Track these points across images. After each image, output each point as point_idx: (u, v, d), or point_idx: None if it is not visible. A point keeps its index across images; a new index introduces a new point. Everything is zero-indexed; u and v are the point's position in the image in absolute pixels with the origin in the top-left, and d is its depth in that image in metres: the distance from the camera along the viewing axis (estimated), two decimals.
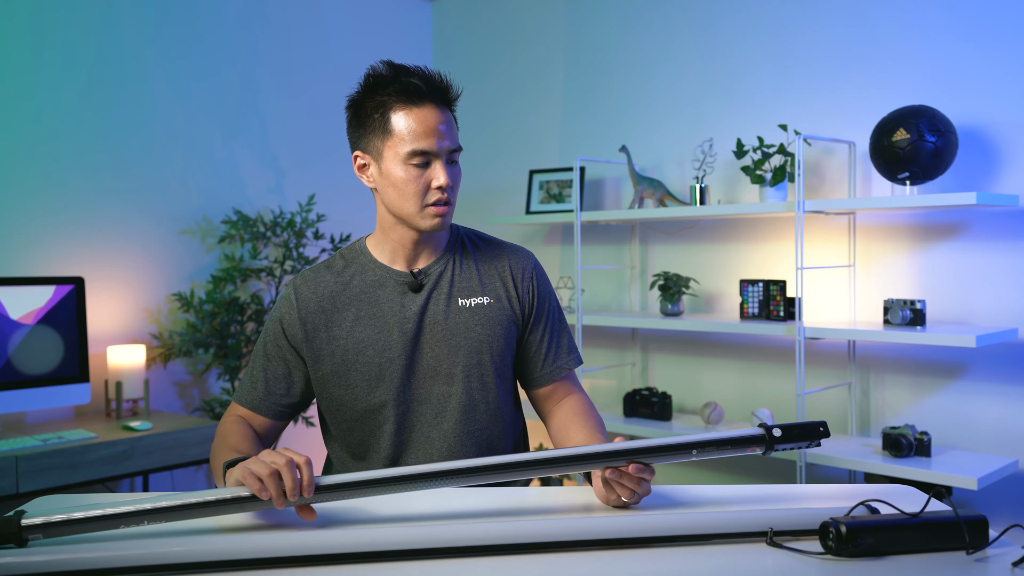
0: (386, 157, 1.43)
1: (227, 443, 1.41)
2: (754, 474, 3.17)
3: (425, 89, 1.42)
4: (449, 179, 1.43)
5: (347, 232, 3.58)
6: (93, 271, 2.99)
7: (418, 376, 1.48)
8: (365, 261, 1.53)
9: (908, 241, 2.79)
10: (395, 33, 3.99)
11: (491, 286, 1.54)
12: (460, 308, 1.50)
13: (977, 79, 2.64)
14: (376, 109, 1.43)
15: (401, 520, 1.18)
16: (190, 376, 3.28)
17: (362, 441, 1.51)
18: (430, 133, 1.41)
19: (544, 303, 1.58)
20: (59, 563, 1.01)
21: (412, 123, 1.41)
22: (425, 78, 1.43)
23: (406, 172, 1.42)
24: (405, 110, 1.41)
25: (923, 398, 2.78)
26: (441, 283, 1.51)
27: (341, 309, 1.49)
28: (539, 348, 1.56)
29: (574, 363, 1.59)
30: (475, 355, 1.49)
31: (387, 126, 1.42)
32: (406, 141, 1.41)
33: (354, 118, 1.48)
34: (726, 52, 3.19)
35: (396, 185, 1.43)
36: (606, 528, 1.10)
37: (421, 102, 1.42)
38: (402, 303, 1.49)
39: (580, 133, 3.63)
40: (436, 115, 1.42)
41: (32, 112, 2.86)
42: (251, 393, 1.52)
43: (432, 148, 1.41)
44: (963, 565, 1.03)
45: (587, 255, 3.58)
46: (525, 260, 1.58)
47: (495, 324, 1.51)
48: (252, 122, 3.45)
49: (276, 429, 1.55)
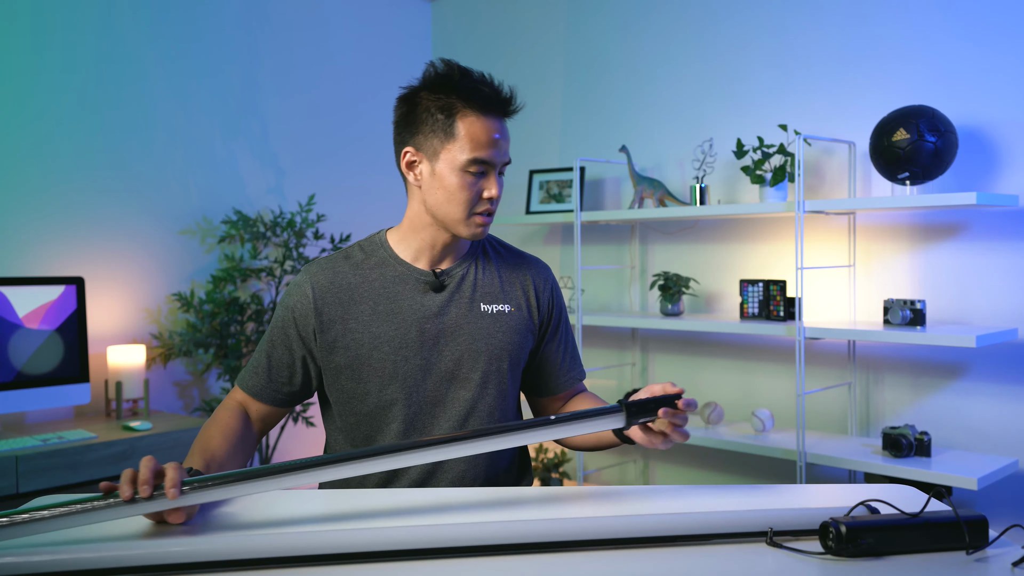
0: (442, 159, 1.42)
1: (204, 437, 1.40)
2: (754, 474, 3.17)
3: (495, 100, 1.42)
4: (499, 191, 1.44)
5: (347, 232, 3.58)
6: (93, 271, 2.99)
7: (434, 378, 1.48)
8: (386, 256, 1.51)
9: (908, 241, 2.79)
10: (395, 33, 3.99)
11: (512, 294, 1.54)
12: (482, 313, 1.50)
13: (977, 79, 2.64)
14: (441, 109, 1.41)
15: (401, 520, 1.18)
16: (190, 376, 3.28)
17: (368, 437, 1.51)
18: (493, 144, 1.41)
19: (560, 316, 1.62)
20: (59, 563, 1.01)
21: (478, 131, 1.40)
22: (495, 88, 1.43)
23: (461, 179, 1.41)
24: (473, 117, 1.40)
25: (923, 398, 2.78)
26: (463, 286, 1.51)
27: (358, 301, 1.48)
28: (555, 359, 1.60)
29: (582, 374, 1.65)
30: (495, 361, 1.50)
31: (451, 129, 1.41)
32: (468, 149, 1.40)
33: (409, 113, 1.45)
34: (726, 52, 3.19)
35: (448, 189, 1.42)
36: (606, 528, 1.10)
37: (489, 112, 1.42)
38: (422, 302, 1.48)
39: (580, 133, 3.63)
40: (500, 127, 1.43)
41: (32, 112, 2.86)
42: (253, 379, 1.52)
43: (492, 159, 1.42)
44: (963, 565, 1.03)
45: (587, 255, 3.58)
46: (545, 273, 1.61)
47: (515, 332, 1.52)
48: (252, 122, 3.45)
49: (276, 416, 1.55)
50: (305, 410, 3.35)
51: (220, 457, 1.36)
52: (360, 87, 3.81)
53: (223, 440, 1.40)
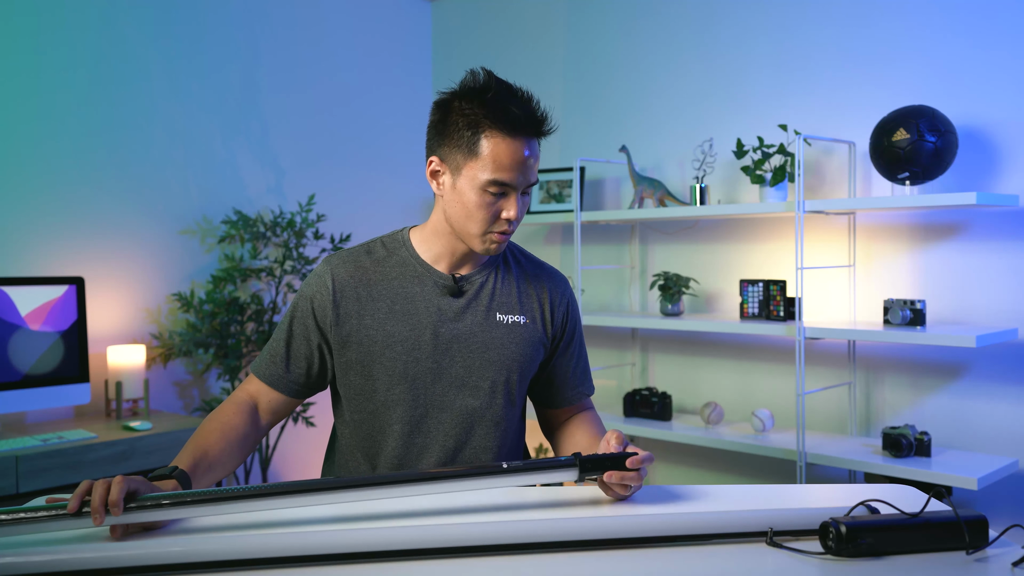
0: (464, 175, 1.40)
1: (202, 433, 1.39)
2: (754, 474, 3.17)
3: (524, 122, 1.38)
4: (519, 212, 1.41)
5: (347, 232, 3.58)
6: (93, 271, 2.99)
7: (443, 383, 1.48)
8: (407, 255, 1.51)
9: (908, 241, 2.79)
10: (395, 33, 3.99)
11: (528, 306, 1.54)
12: (497, 323, 1.50)
13: (977, 79, 2.64)
14: (469, 125, 1.38)
15: (401, 520, 1.18)
16: (190, 376, 3.28)
17: (369, 435, 1.50)
18: (515, 167, 1.38)
19: (575, 332, 1.61)
20: (59, 563, 1.01)
21: (501, 153, 1.37)
22: (527, 110, 1.39)
23: (480, 197, 1.39)
24: (498, 137, 1.37)
25: (923, 398, 2.78)
26: (482, 294, 1.51)
27: (376, 298, 1.48)
28: (564, 373, 1.60)
29: (591, 389, 1.64)
30: (505, 372, 1.50)
31: (475, 147, 1.38)
32: (489, 169, 1.37)
33: (440, 122, 1.43)
34: (726, 52, 3.19)
35: (466, 206, 1.41)
36: (606, 528, 1.10)
37: (515, 133, 1.38)
38: (439, 306, 1.48)
39: (580, 133, 3.63)
40: (527, 148, 1.39)
41: (33, 112, 2.86)
42: (270, 368, 1.51)
43: (513, 181, 1.39)
44: (963, 565, 1.03)
45: (587, 255, 3.58)
46: (563, 287, 1.60)
47: (528, 345, 1.52)
48: (252, 122, 3.45)
49: (288, 407, 1.54)
50: (305, 410, 3.35)
51: (212, 455, 1.36)
52: (360, 87, 3.81)
53: (220, 437, 1.40)
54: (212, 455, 1.36)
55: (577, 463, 1.23)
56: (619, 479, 1.23)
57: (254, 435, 1.48)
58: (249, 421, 1.48)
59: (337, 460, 1.58)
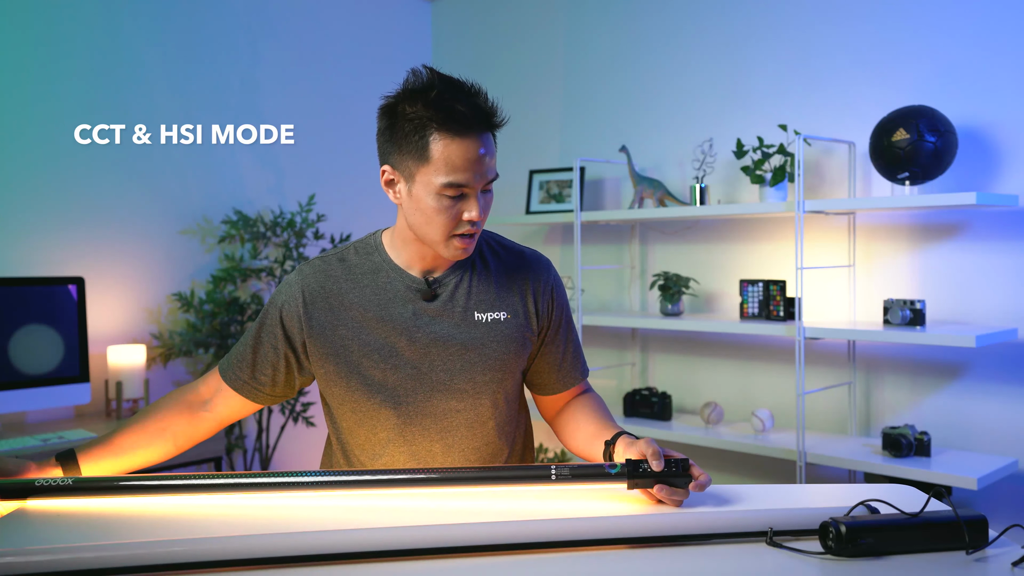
0: (418, 182, 1.34)
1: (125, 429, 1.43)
2: (754, 474, 3.17)
3: (472, 118, 1.31)
4: (481, 211, 1.35)
5: (347, 232, 3.58)
6: (93, 271, 2.99)
7: (425, 389, 1.43)
8: (380, 260, 1.47)
9: (908, 241, 2.80)
10: (395, 33, 3.99)
11: (509, 301, 1.48)
12: (476, 323, 1.45)
13: (977, 79, 2.64)
14: (415, 130, 1.32)
15: (401, 520, 1.18)
16: (190, 376, 3.27)
17: (359, 443, 1.48)
18: (469, 166, 1.32)
19: (562, 316, 1.55)
20: (59, 563, 1.01)
21: (451, 155, 1.31)
22: (473, 105, 1.32)
23: (438, 202, 1.33)
24: (446, 140, 1.30)
25: (923, 398, 2.78)
26: (457, 294, 1.45)
27: (349, 307, 1.44)
28: (554, 360, 1.55)
29: (585, 372, 1.60)
30: (488, 372, 1.45)
31: (424, 152, 1.32)
32: (442, 172, 1.31)
33: (388, 129, 1.37)
34: (726, 52, 3.19)
35: (424, 212, 1.35)
36: (606, 528, 1.10)
37: (465, 132, 1.31)
38: (414, 310, 1.43)
39: (580, 133, 3.63)
40: (478, 145, 1.32)
41: (32, 111, 2.86)
42: (236, 371, 1.49)
43: (469, 182, 1.32)
44: (963, 565, 1.03)
45: (587, 255, 3.58)
46: (546, 273, 1.54)
47: (511, 341, 1.47)
48: (252, 122, 3.44)
49: (248, 410, 1.52)
50: (305, 410, 3.35)
51: (120, 448, 1.41)
52: (360, 87, 3.80)
53: (140, 427, 1.43)
54: (119, 448, 1.41)
55: (626, 473, 1.22)
56: (668, 495, 1.21)
57: (189, 433, 1.47)
58: (188, 421, 1.48)
59: (333, 463, 1.57)
